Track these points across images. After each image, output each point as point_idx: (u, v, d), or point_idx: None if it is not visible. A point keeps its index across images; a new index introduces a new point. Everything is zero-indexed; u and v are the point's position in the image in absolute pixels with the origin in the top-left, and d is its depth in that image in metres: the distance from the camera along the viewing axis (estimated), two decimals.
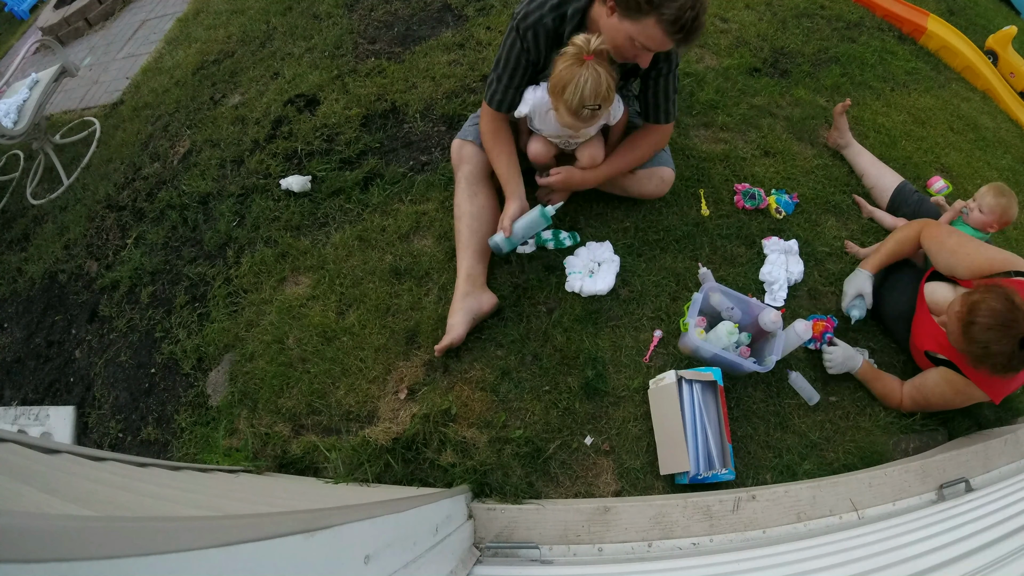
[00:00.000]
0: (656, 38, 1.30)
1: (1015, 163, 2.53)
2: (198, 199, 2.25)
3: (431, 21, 2.75)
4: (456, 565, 1.11)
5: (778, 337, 1.54)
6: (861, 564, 1.10)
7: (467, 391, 1.61)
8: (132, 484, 0.77)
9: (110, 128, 2.97)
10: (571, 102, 1.37)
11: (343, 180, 2.10)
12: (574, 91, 1.36)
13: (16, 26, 5.26)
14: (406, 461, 1.50)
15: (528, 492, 1.46)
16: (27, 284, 2.36)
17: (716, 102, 2.32)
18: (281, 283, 1.91)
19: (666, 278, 1.81)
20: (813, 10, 2.86)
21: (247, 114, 2.51)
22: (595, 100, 1.36)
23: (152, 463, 1.02)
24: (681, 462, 1.39)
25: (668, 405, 1.45)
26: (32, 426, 1.88)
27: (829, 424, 1.62)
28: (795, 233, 1.96)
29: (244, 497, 0.97)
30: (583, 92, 1.35)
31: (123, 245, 2.26)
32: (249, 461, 1.54)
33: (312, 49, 2.74)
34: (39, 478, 0.63)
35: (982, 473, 1.51)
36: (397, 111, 2.34)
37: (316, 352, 1.72)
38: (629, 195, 1.89)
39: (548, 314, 1.73)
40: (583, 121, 1.44)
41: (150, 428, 1.76)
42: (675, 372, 1.47)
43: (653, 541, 1.31)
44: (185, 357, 1.84)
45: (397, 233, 1.93)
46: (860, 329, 1.79)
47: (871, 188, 2.13)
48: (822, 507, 1.38)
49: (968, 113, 2.63)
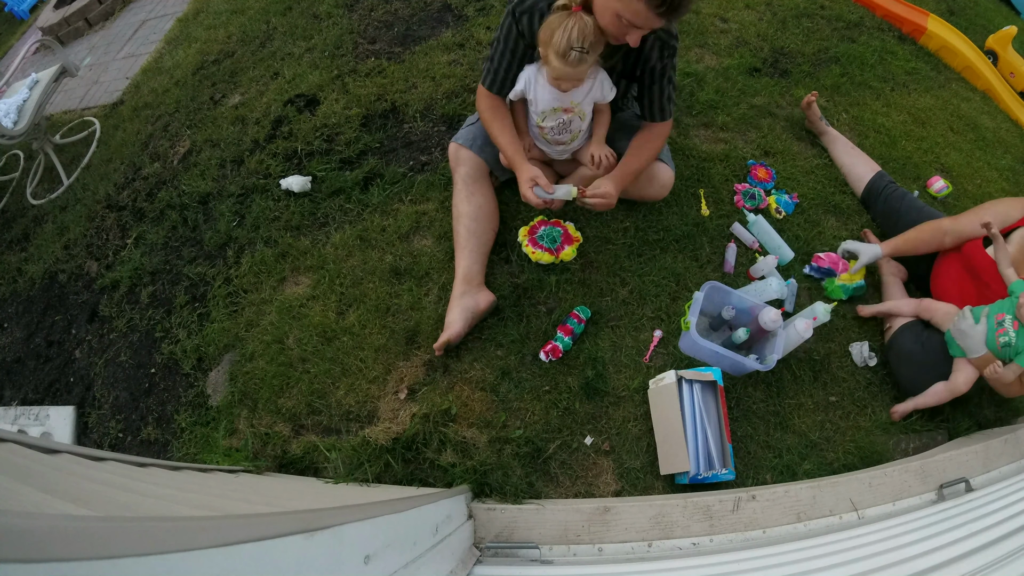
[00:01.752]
0: (641, 13, 1.30)
1: (1015, 163, 2.52)
2: (198, 199, 2.25)
3: (431, 21, 2.75)
4: (456, 565, 1.11)
5: (779, 336, 1.54)
6: (861, 564, 1.10)
7: (467, 391, 1.61)
8: (132, 484, 0.77)
9: (110, 128, 2.97)
10: (559, 45, 1.40)
11: (343, 180, 2.10)
12: (562, 34, 1.39)
13: (16, 26, 5.26)
14: (406, 461, 1.50)
15: (528, 492, 1.46)
16: (27, 284, 2.35)
17: (716, 102, 2.32)
18: (281, 283, 1.91)
19: (666, 278, 1.81)
20: (813, 10, 2.86)
21: (247, 114, 2.51)
22: (581, 41, 1.39)
23: (152, 463, 1.02)
24: (681, 462, 1.40)
25: (668, 405, 1.46)
26: (32, 426, 1.88)
27: (829, 424, 1.63)
28: (795, 233, 1.96)
29: (244, 497, 0.97)
30: (570, 34, 1.38)
31: (123, 245, 2.26)
32: (249, 461, 1.54)
33: (312, 49, 2.74)
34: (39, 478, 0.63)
35: (982, 473, 1.51)
36: (397, 111, 2.34)
37: (316, 352, 1.72)
38: (630, 198, 1.89)
39: (548, 314, 1.73)
40: (571, 65, 1.44)
41: (150, 428, 1.76)
42: (675, 372, 1.47)
43: (653, 541, 1.31)
44: (185, 357, 1.84)
45: (397, 233, 1.93)
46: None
47: (845, 176, 2.15)
48: (822, 507, 1.38)
49: (968, 113, 2.63)
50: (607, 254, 1.85)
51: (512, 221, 1.90)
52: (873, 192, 2.04)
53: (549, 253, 1.76)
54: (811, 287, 1.88)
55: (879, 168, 2.09)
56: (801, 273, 1.89)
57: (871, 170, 2.08)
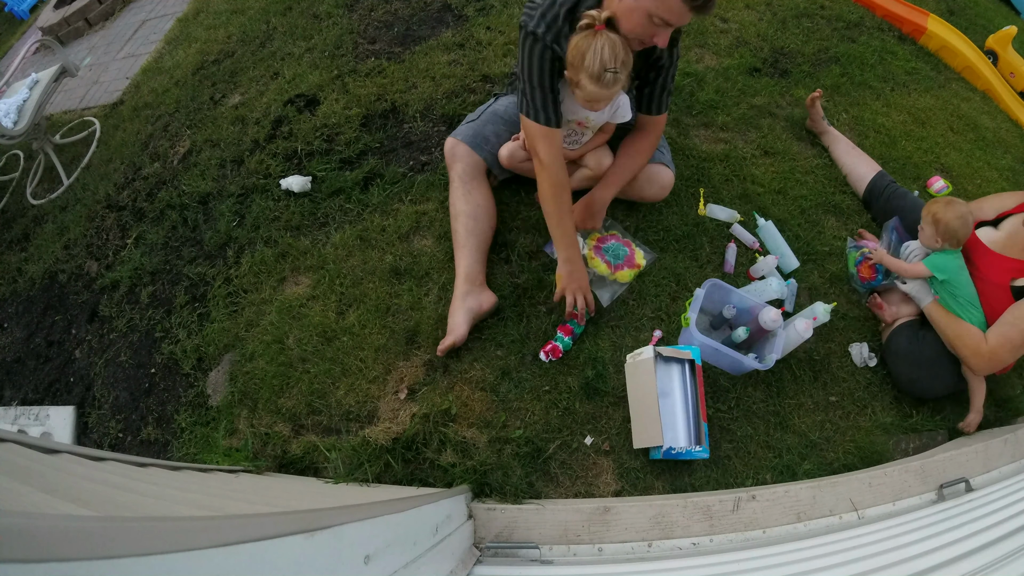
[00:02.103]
0: (675, 9, 1.28)
1: (1015, 163, 2.52)
2: (198, 199, 2.25)
3: (431, 21, 2.75)
4: (456, 565, 1.11)
5: (779, 335, 1.54)
6: (861, 564, 1.10)
7: (467, 391, 1.61)
8: (132, 484, 0.77)
9: (110, 128, 2.97)
10: (592, 68, 1.38)
11: (343, 180, 2.10)
12: (593, 56, 1.36)
13: (16, 26, 5.26)
14: (406, 461, 1.50)
15: (528, 492, 1.46)
16: (27, 284, 2.35)
17: (716, 102, 2.32)
18: (281, 283, 1.91)
19: (666, 278, 1.81)
20: (813, 10, 2.86)
21: (247, 114, 2.51)
22: (615, 63, 1.37)
23: (152, 463, 1.02)
24: (655, 436, 1.40)
25: (644, 380, 1.46)
26: (32, 426, 1.88)
27: (829, 424, 1.63)
28: (795, 233, 1.96)
29: (244, 497, 0.97)
30: (603, 56, 1.36)
31: (123, 245, 2.26)
32: (249, 461, 1.54)
33: (312, 49, 2.74)
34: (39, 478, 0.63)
35: (982, 473, 1.51)
36: (397, 111, 2.34)
37: (316, 352, 1.72)
38: (629, 198, 1.89)
39: (548, 314, 1.73)
40: (606, 87, 1.42)
41: (150, 428, 1.76)
42: (652, 348, 1.48)
43: (653, 541, 1.31)
44: (185, 357, 1.84)
45: (397, 233, 1.93)
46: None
47: (846, 176, 2.15)
48: (822, 507, 1.38)
49: (968, 113, 2.63)
50: None
51: (512, 221, 1.90)
52: (875, 192, 2.04)
53: (608, 267, 1.73)
54: (811, 287, 1.88)
55: (880, 168, 2.09)
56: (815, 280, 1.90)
57: (872, 170, 2.08)
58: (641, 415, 1.49)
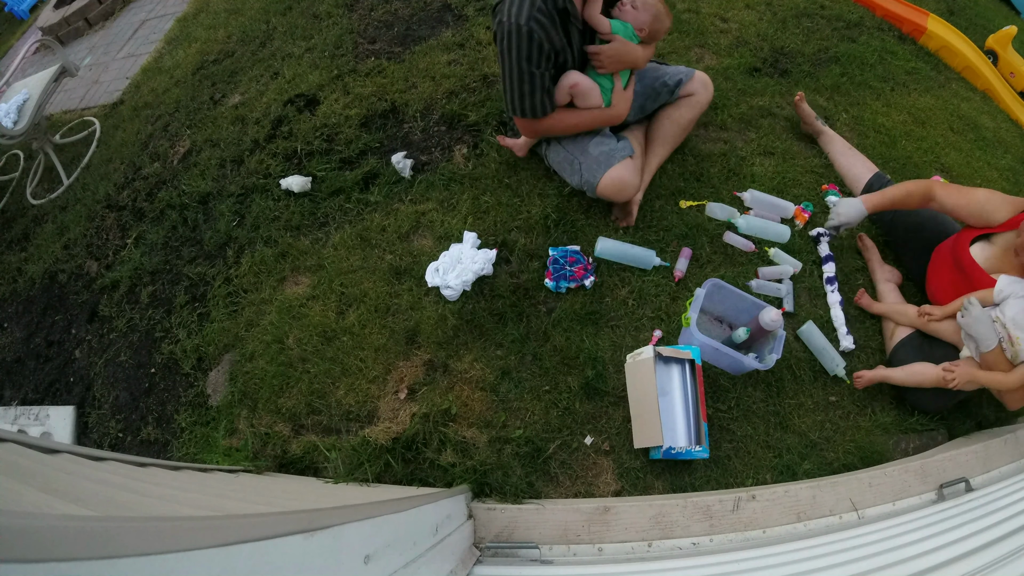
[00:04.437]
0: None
1: (1015, 163, 2.52)
2: (198, 199, 2.25)
3: (431, 21, 2.75)
4: (456, 565, 1.11)
5: (779, 336, 1.54)
6: (861, 564, 1.10)
7: (467, 391, 1.61)
8: (132, 484, 0.77)
9: (110, 128, 2.97)
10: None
11: (343, 180, 2.10)
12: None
13: (16, 26, 5.26)
14: (406, 461, 1.50)
15: (528, 492, 1.46)
16: (27, 284, 2.35)
17: (716, 102, 2.32)
18: (281, 283, 1.91)
19: (666, 278, 1.81)
20: (813, 10, 2.86)
21: (247, 114, 2.51)
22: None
23: (152, 463, 1.02)
24: (655, 436, 1.40)
25: (644, 379, 1.46)
26: (32, 426, 1.88)
27: (829, 424, 1.62)
28: (795, 232, 1.96)
29: (244, 497, 0.97)
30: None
31: (123, 245, 2.26)
32: (249, 461, 1.54)
33: (312, 49, 2.74)
34: (39, 478, 0.63)
35: (982, 473, 1.51)
36: (397, 111, 2.34)
37: (316, 352, 1.72)
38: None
39: (548, 314, 1.73)
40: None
41: (150, 428, 1.76)
42: (652, 348, 1.48)
43: (653, 541, 1.31)
44: (185, 357, 1.84)
45: (397, 233, 1.93)
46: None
47: (843, 176, 2.14)
48: (822, 507, 1.38)
49: (968, 113, 2.63)
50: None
51: (512, 221, 1.90)
52: (873, 189, 2.03)
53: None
54: (811, 287, 1.88)
55: (877, 169, 2.09)
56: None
57: (869, 171, 2.08)
58: (641, 415, 1.49)
